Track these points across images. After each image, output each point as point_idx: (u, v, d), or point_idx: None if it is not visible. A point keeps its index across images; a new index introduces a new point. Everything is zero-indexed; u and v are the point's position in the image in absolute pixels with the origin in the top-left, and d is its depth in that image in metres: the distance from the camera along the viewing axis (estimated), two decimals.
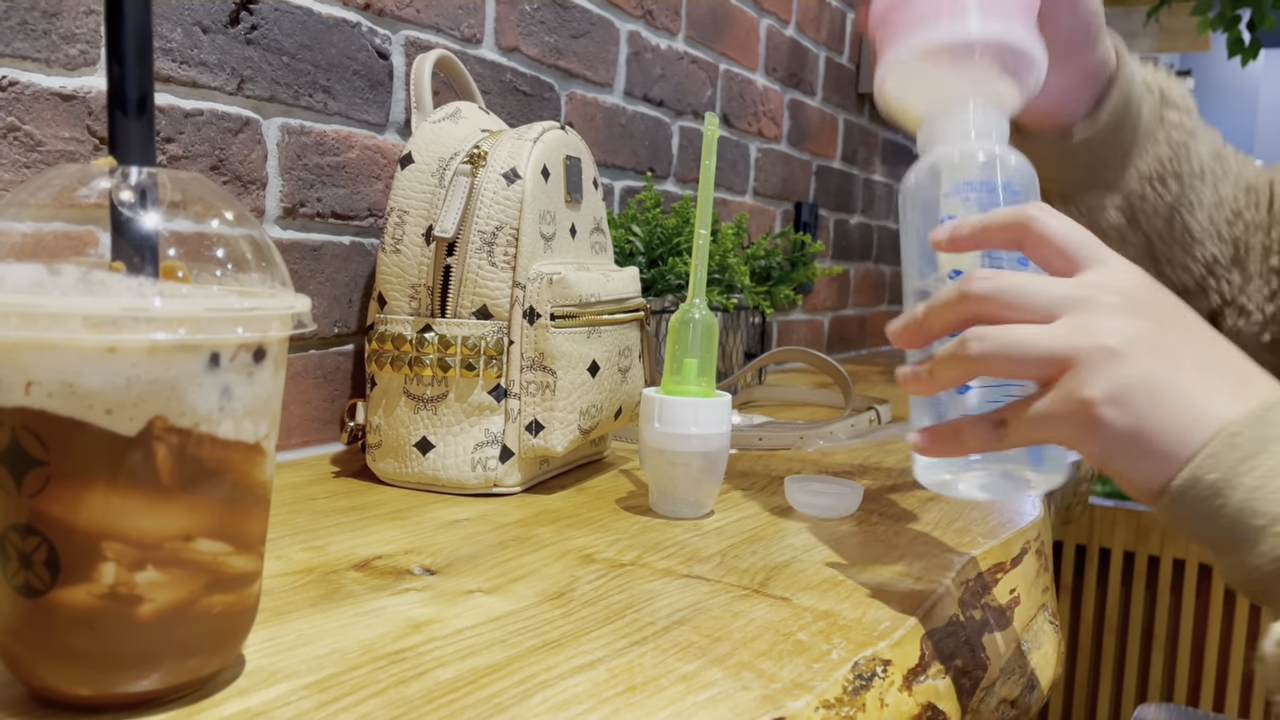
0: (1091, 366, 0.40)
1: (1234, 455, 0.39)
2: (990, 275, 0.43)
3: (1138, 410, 0.40)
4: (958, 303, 0.44)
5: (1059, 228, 0.44)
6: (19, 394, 0.31)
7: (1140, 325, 0.41)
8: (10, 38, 0.57)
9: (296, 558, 0.53)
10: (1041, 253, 0.44)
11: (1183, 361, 0.41)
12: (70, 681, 0.33)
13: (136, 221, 0.34)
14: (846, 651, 0.44)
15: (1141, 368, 0.40)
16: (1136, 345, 0.40)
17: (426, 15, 0.86)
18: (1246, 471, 0.39)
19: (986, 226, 0.45)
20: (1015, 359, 0.42)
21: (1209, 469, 0.39)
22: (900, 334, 0.47)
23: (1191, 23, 3.25)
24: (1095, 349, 0.40)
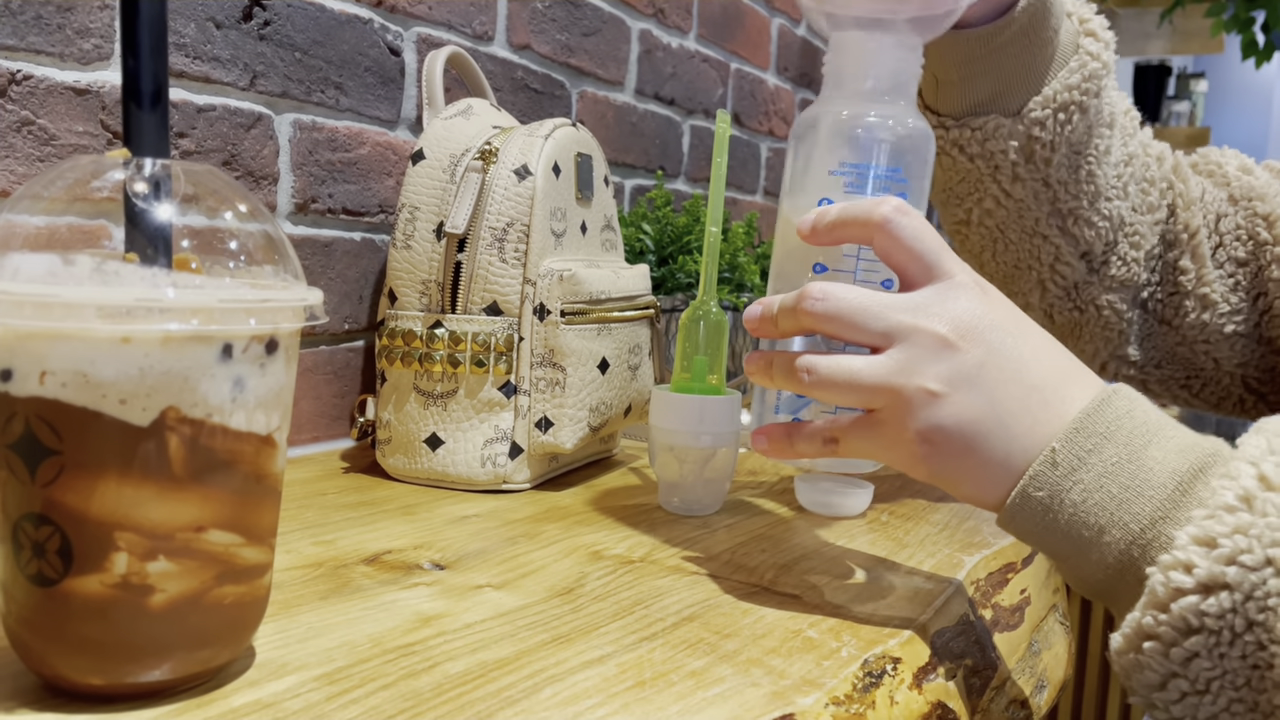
0: (910, 407, 0.43)
1: (1056, 473, 0.41)
2: (825, 295, 0.45)
3: (955, 448, 0.43)
4: (797, 313, 0.46)
5: (910, 234, 0.45)
6: (33, 383, 0.32)
7: (965, 360, 0.43)
8: (25, 32, 0.57)
9: (306, 551, 0.53)
10: (892, 257, 0.46)
11: (1003, 390, 0.43)
12: (82, 671, 0.34)
13: (150, 213, 0.34)
14: (856, 649, 0.44)
15: (958, 409, 0.43)
16: (955, 385, 0.43)
17: (438, 12, 0.86)
18: (1070, 488, 0.41)
19: (842, 222, 0.47)
20: (842, 392, 0.45)
21: (1036, 487, 0.42)
22: (755, 325, 0.49)
23: (1205, 24, 3.24)
24: (915, 390, 0.43)
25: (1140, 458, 0.41)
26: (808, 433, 0.48)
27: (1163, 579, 0.37)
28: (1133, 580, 0.40)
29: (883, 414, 0.44)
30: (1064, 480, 0.41)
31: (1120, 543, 0.40)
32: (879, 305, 0.44)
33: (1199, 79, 4.10)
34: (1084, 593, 0.43)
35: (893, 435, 0.44)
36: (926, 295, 0.44)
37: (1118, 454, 0.41)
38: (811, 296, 0.45)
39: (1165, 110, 3.90)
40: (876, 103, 0.50)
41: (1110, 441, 0.41)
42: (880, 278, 0.49)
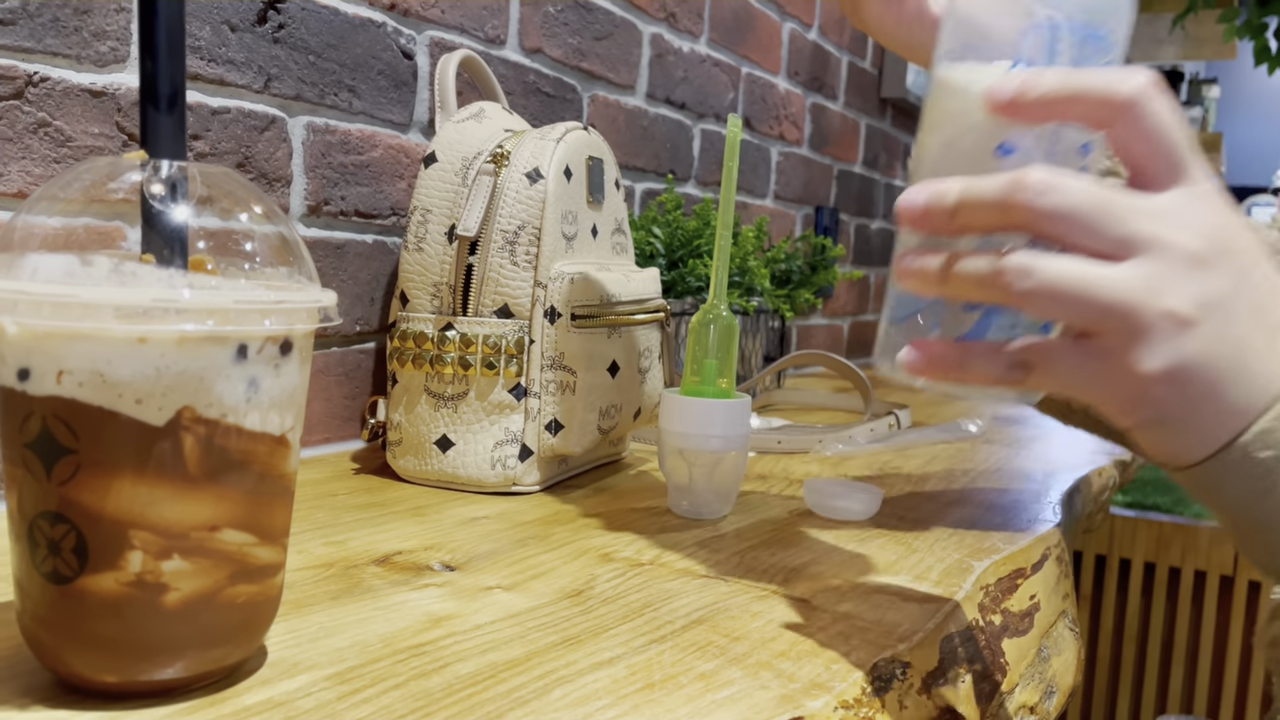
0: (1154, 335, 0.35)
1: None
2: (1050, 188, 0.35)
3: (1194, 391, 0.35)
4: (1007, 207, 0.35)
5: (1163, 123, 0.36)
6: (50, 383, 0.32)
7: (1216, 284, 0.35)
8: (42, 34, 0.58)
9: (317, 552, 0.53)
10: (1131, 147, 0.36)
11: (1250, 328, 0.36)
12: (96, 668, 0.34)
13: (167, 214, 0.34)
14: (865, 653, 0.44)
15: (1208, 344, 0.35)
16: (1208, 312, 0.35)
17: (451, 16, 0.87)
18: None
19: (1070, 96, 0.36)
20: (1068, 306, 0.35)
21: (1264, 444, 0.35)
22: (920, 216, 0.38)
23: (1218, 30, 3.22)
24: (1162, 314, 0.35)
25: None
26: (988, 351, 0.37)
27: None
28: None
29: (1110, 340, 0.35)
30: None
31: None
32: (1122, 205, 0.35)
33: (1211, 85, 4.08)
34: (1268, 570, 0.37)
35: (1120, 367, 0.35)
36: (1174, 200, 0.36)
37: None
38: (1032, 188, 0.35)
39: None
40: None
41: None
42: (1079, 163, 0.38)
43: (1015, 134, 0.38)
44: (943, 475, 0.83)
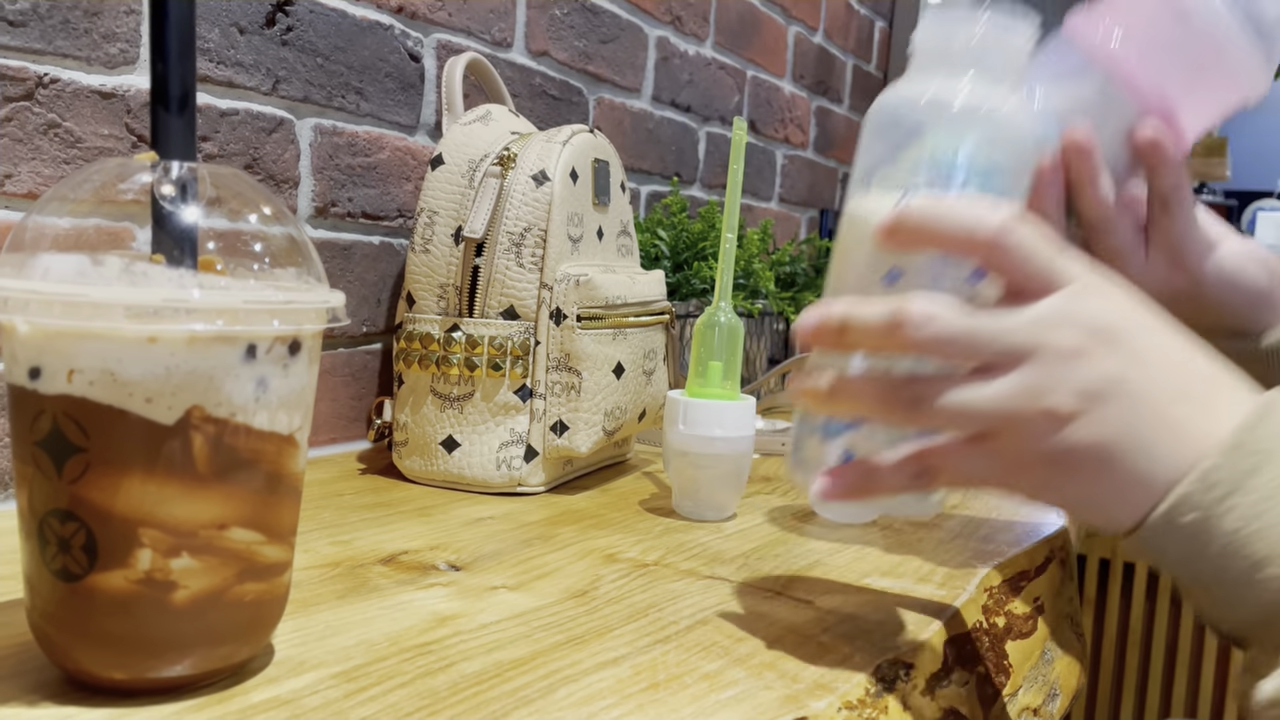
0: (1038, 433, 0.37)
1: (1210, 496, 0.36)
2: (929, 319, 0.37)
3: (1088, 470, 0.37)
4: (890, 334, 0.38)
5: (1026, 245, 0.38)
6: (61, 381, 0.32)
7: (1098, 372, 0.37)
8: (52, 36, 0.58)
9: (324, 551, 0.53)
10: (1008, 274, 0.39)
11: (1145, 404, 0.37)
12: (105, 665, 0.34)
13: (177, 215, 0.34)
14: (869, 654, 0.44)
15: (1093, 427, 0.37)
16: (1091, 400, 0.37)
17: (458, 19, 0.87)
18: (1224, 513, 0.36)
19: (937, 232, 0.39)
20: (956, 421, 0.38)
21: (1183, 511, 0.36)
22: (813, 335, 0.40)
23: None
24: (1043, 414, 0.37)
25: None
26: (894, 466, 0.40)
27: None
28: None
29: (1002, 438, 0.38)
30: (1218, 505, 0.35)
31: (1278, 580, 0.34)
32: (995, 325, 0.37)
33: None
34: (1222, 629, 0.38)
35: (1013, 461, 0.38)
36: (1049, 306, 0.38)
37: None
38: (912, 323, 0.37)
39: None
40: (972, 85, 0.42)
41: (1272, 461, 0.36)
42: (965, 273, 0.40)
43: (903, 260, 0.41)
44: None
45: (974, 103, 0.41)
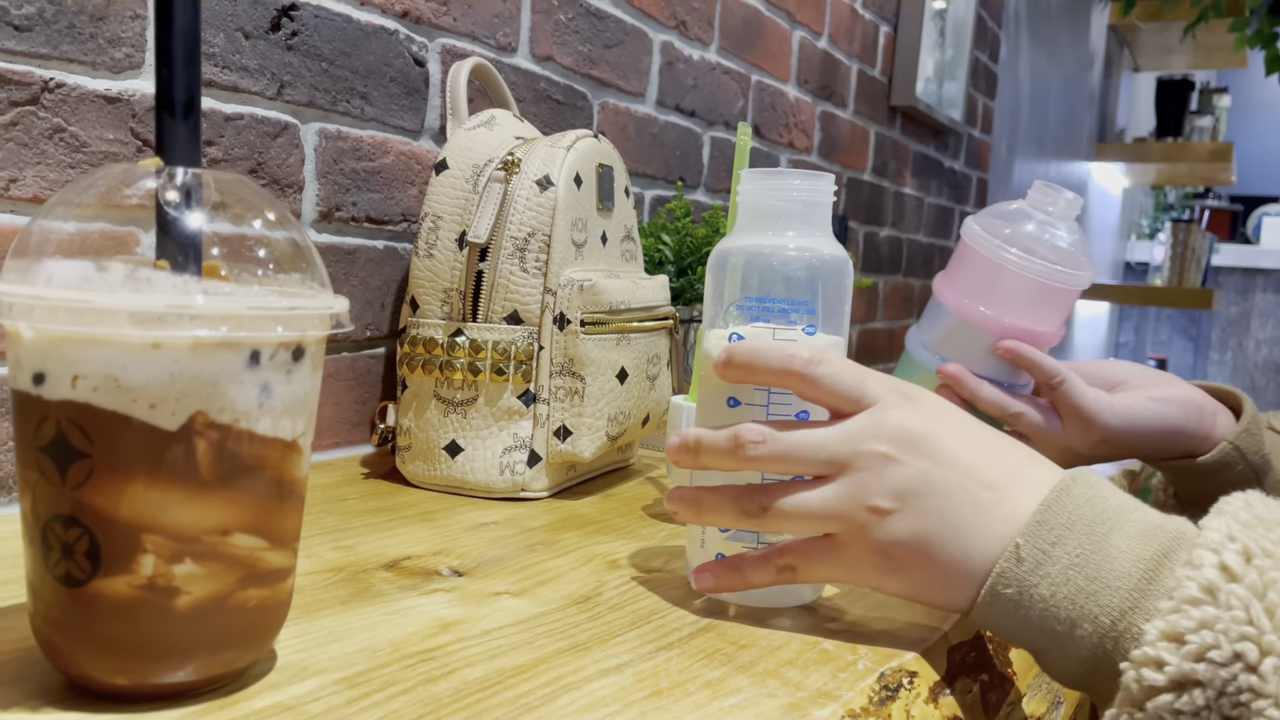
0: (865, 527, 0.44)
1: (1021, 569, 0.41)
2: (763, 438, 0.45)
3: (915, 559, 0.44)
4: (733, 454, 0.46)
5: (830, 380, 0.46)
6: (65, 387, 0.32)
7: (906, 474, 0.44)
8: (58, 41, 0.58)
9: (327, 556, 0.53)
10: (818, 400, 0.46)
11: (953, 496, 0.43)
12: (107, 671, 0.34)
13: (181, 221, 0.34)
14: (873, 662, 0.44)
15: (910, 521, 0.43)
16: (903, 498, 0.43)
17: (463, 24, 0.87)
18: (1037, 583, 0.41)
19: (755, 368, 0.47)
20: (796, 523, 0.45)
21: (1004, 585, 0.42)
22: (676, 456, 0.48)
23: (1229, 39, 3.22)
24: (863, 512, 0.44)
25: (1104, 547, 0.40)
26: (758, 561, 0.47)
27: (1135, 676, 0.36)
28: (1109, 674, 0.39)
29: (840, 537, 0.45)
30: (1030, 575, 0.41)
31: (1092, 636, 0.39)
32: (819, 438, 0.45)
33: (1222, 94, 4.07)
34: (1066, 685, 0.42)
35: (853, 556, 0.45)
36: (861, 421, 0.45)
37: (1081, 545, 0.41)
38: (750, 441, 0.45)
39: (1188, 125, 3.88)
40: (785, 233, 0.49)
41: (1073, 532, 0.41)
42: (793, 410, 0.49)
43: (738, 389, 0.48)
44: None
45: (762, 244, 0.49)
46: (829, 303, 0.49)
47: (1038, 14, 2.77)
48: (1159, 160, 3.68)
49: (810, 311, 0.49)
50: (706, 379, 0.51)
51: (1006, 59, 2.53)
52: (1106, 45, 3.63)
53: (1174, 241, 3.52)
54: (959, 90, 2.11)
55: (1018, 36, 2.61)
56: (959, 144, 2.28)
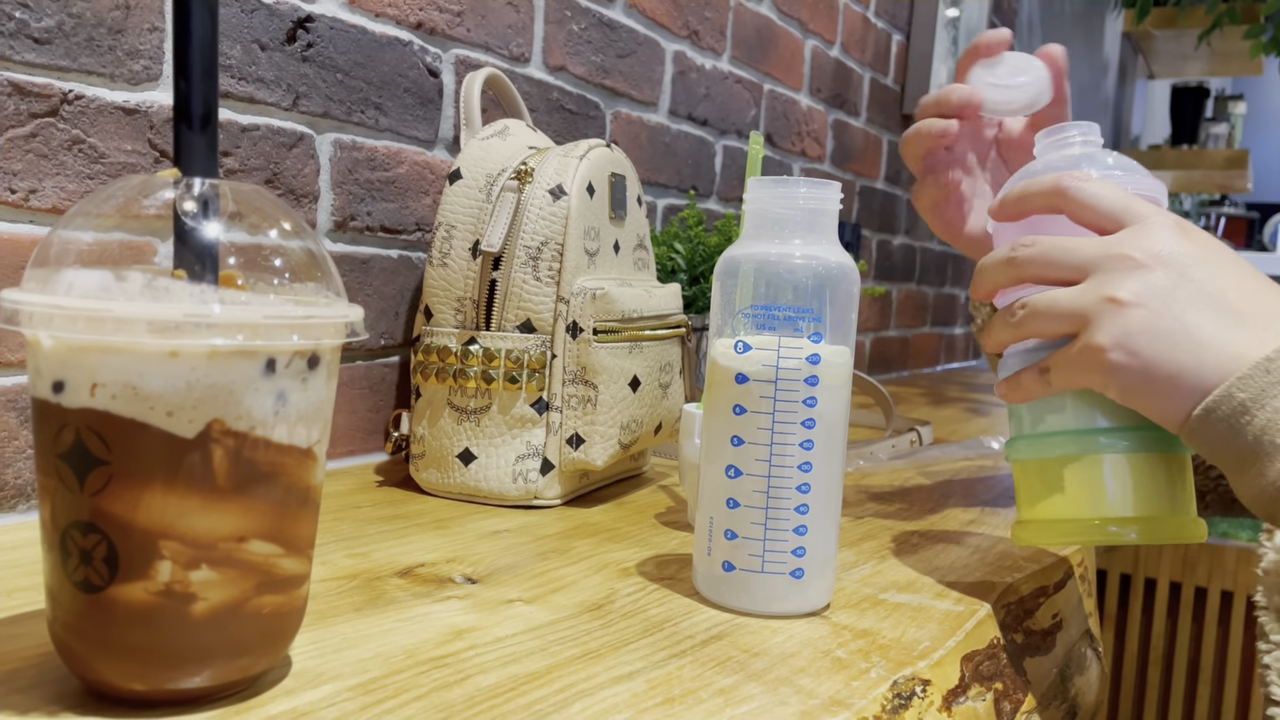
0: (1099, 319, 0.46)
1: (1266, 379, 0.43)
2: (1031, 242, 0.49)
3: (1144, 355, 0.45)
4: (1006, 266, 0.50)
5: (1092, 191, 0.49)
6: (84, 395, 0.33)
7: (1155, 278, 0.46)
8: (77, 53, 0.59)
9: (341, 563, 0.53)
10: (1081, 216, 0.49)
11: (1194, 307, 0.45)
12: (124, 676, 0.34)
13: (199, 231, 0.35)
14: (886, 670, 0.44)
15: (1145, 316, 0.45)
16: (1144, 296, 0.45)
17: (476, 35, 0.88)
18: (1276, 395, 0.42)
19: (1026, 196, 0.51)
20: (1045, 319, 0.48)
21: (1241, 388, 0.43)
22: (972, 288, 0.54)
23: (1244, 46, 3.20)
24: (1104, 302, 0.46)
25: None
26: (1027, 370, 0.51)
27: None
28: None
29: (1081, 335, 0.47)
30: (1272, 387, 0.42)
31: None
32: (1077, 244, 0.48)
33: (1237, 101, 4.05)
34: (1253, 507, 0.44)
35: (1089, 348, 0.47)
36: (1121, 235, 0.47)
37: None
38: (1021, 244, 0.49)
39: (1203, 132, 3.86)
40: (792, 241, 0.50)
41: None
42: (799, 418, 0.49)
43: (745, 399, 0.49)
44: (965, 493, 0.83)
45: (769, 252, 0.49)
46: (836, 310, 0.49)
47: (1051, 21, 2.76)
48: (1174, 167, 3.66)
49: (817, 319, 0.49)
50: (713, 386, 0.51)
51: None
52: (1121, 52, 3.62)
53: None
54: None
55: (1031, 44, 2.60)
56: None
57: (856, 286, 0.50)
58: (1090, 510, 0.51)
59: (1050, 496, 0.52)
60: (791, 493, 0.48)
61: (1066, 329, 0.48)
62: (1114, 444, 0.50)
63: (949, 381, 1.93)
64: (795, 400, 0.48)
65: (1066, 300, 0.47)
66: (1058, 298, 0.48)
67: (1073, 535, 0.52)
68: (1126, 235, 0.47)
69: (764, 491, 0.48)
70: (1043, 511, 0.52)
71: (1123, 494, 0.50)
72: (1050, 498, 0.52)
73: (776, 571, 0.49)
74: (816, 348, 0.48)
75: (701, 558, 0.51)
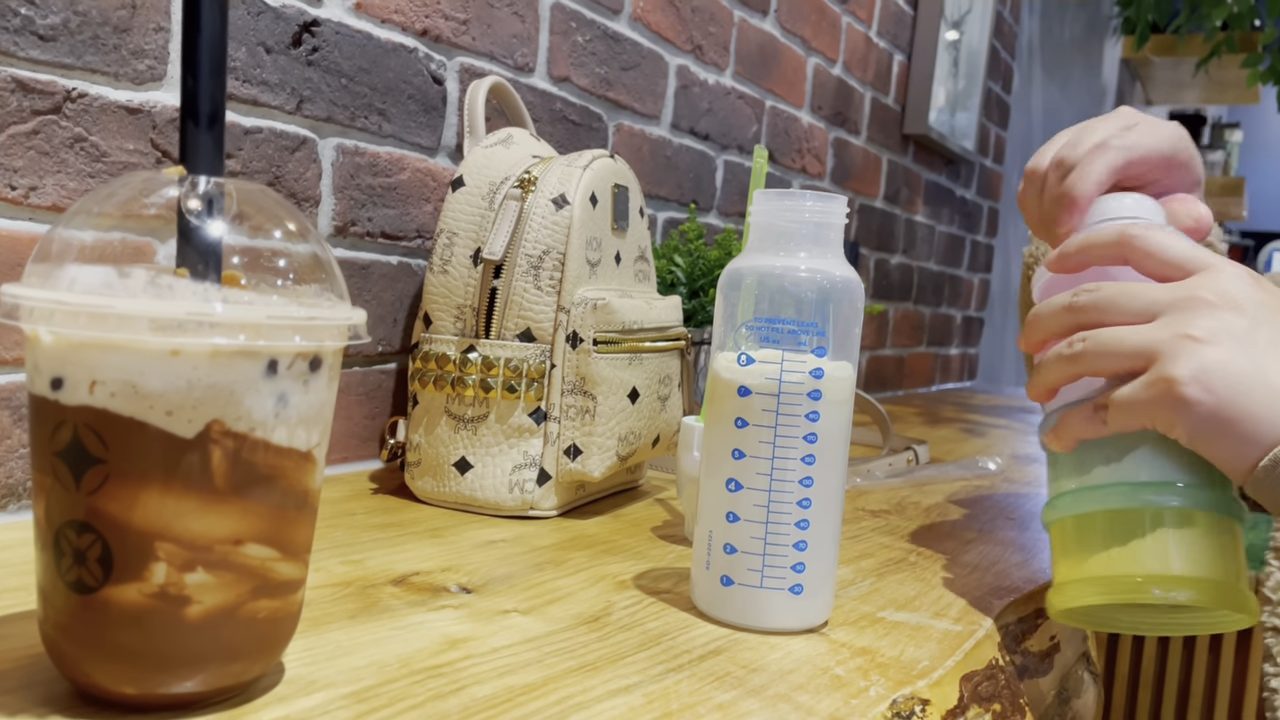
0: (1174, 353, 0.44)
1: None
2: (1095, 288, 0.47)
3: (1220, 393, 0.43)
4: (1065, 312, 0.48)
5: (1158, 241, 0.47)
6: (83, 392, 0.32)
7: (1231, 320, 0.44)
8: (82, 51, 0.59)
9: (335, 571, 0.53)
10: (1147, 266, 0.47)
11: (1271, 353, 0.43)
12: (116, 679, 0.34)
13: (203, 229, 0.35)
14: (885, 689, 0.43)
15: (1223, 355, 0.43)
16: (1220, 336, 0.44)
17: (481, 43, 0.88)
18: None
19: (1088, 247, 0.49)
20: (1108, 354, 0.46)
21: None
22: (1023, 337, 0.52)
23: (1241, 75, 3.23)
24: (1178, 338, 0.44)
25: None
26: (1077, 409, 0.48)
27: None
28: None
29: (1151, 372, 0.45)
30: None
31: None
32: (1144, 287, 0.46)
33: (1234, 129, 4.08)
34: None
35: (1156, 388, 0.44)
36: (1192, 280, 0.46)
37: None
38: (1084, 289, 0.48)
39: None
40: (797, 254, 0.49)
41: None
42: (801, 433, 0.48)
43: (748, 412, 0.48)
44: (962, 512, 0.83)
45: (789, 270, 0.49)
46: (839, 325, 0.49)
47: (1051, 46, 2.78)
48: None
49: (821, 334, 0.49)
50: (714, 399, 0.50)
51: (1019, 90, 2.54)
52: (1119, 79, 3.64)
53: None
54: (971, 120, 2.11)
55: (1030, 68, 2.62)
56: (971, 173, 2.28)
57: (861, 302, 0.50)
58: (1133, 567, 0.45)
59: (1090, 554, 0.47)
60: (792, 507, 0.48)
61: (1131, 365, 0.45)
62: (1166, 500, 0.46)
63: (944, 401, 1.93)
64: (797, 414, 0.48)
65: (1135, 334, 0.45)
66: (1124, 331, 0.45)
67: (1112, 593, 0.46)
68: (1198, 279, 0.46)
69: (764, 506, 0.48)
70: (1079, 570, 0.47)
71: (1174, 551, 0.45)
72: (1090, 555, 0.47)
73: (775, 587, 0.48)
74: (820, 362, 0.48)
75: (700, 571, 0.51)
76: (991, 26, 2.14)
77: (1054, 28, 2.80)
